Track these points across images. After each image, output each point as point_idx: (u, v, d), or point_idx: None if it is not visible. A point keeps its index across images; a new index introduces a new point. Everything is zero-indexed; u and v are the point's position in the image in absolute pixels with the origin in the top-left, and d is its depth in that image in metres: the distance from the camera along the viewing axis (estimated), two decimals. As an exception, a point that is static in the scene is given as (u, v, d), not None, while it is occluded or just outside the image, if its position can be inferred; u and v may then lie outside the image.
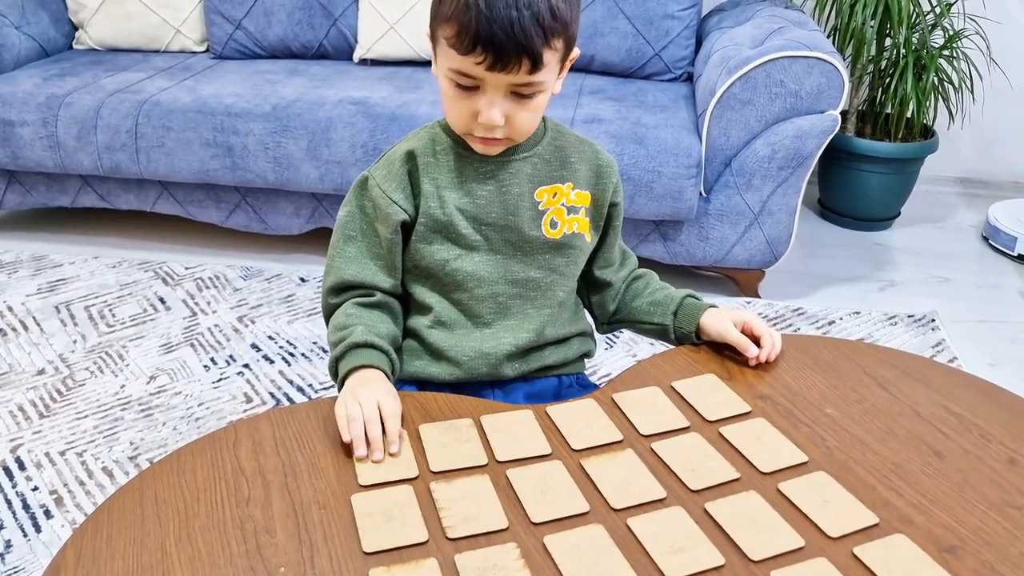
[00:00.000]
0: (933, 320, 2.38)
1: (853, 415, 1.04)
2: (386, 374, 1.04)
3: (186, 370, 2.07)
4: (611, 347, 2.20)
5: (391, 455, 0.94)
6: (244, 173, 2.42)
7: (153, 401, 1.95)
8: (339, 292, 1.12)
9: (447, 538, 0.84)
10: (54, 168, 2.50)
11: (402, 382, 1.17)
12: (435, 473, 0.93)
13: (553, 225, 1.13)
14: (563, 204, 1.13)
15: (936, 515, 0.88)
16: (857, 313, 2.40)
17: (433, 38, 1.03)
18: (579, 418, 1.02)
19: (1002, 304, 2.52)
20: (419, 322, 1.15)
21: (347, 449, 0.96)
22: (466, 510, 0.87)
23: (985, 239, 2.91)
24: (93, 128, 2.42)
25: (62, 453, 1.78)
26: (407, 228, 1.11)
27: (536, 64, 0.97)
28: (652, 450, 0.97)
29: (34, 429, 1.85)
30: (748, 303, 2.44)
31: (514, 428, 1.00)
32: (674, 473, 0.93)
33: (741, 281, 2.47)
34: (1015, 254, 2.77)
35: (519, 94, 1.00)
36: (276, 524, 0.86)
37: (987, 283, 2.65)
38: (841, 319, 2.36)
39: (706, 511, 0.88)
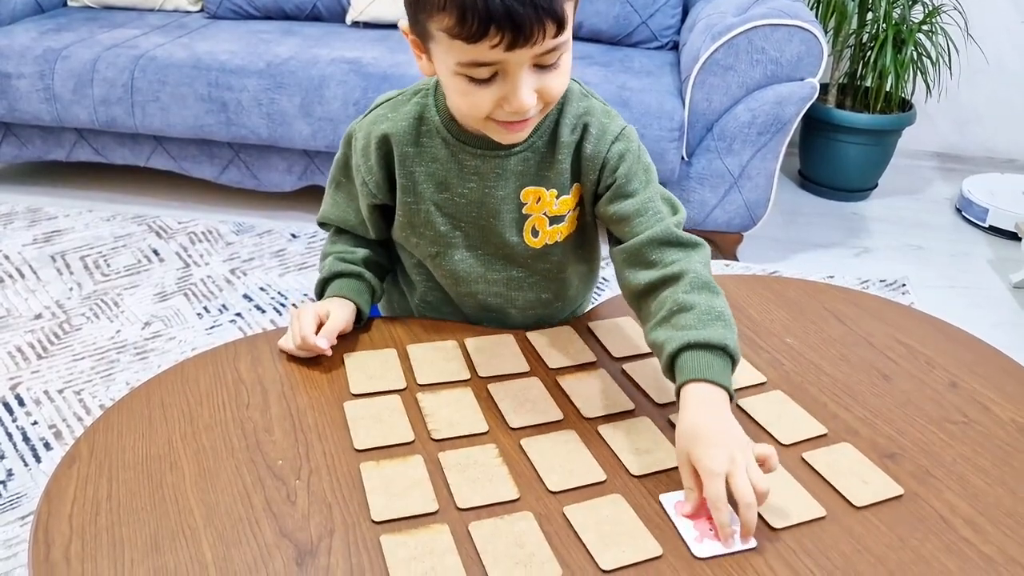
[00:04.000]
0: (904, 285, 2.47)
1: (811, 344, 1.12)
2: (355, 300, 1.08)
3: (180, 317, 2.13)
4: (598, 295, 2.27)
5: (317, 350, 1.00)
6: (238, 129, 2.47)
7: (148, 345, 2.02)
8: (324, 225, 1.19)
9: (432, 439, 0.91)
10: (50, 121, 2.55)
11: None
12: (421, 385, 1.00)
13: (535, 234, 1.06)
14: (545, 214, 1.04)
15: (880, 427, 0.96)
16: (831, 277, 2.48)
17: (421, 35, 0.89)
18: (556, 342, 1.09)
19: (971, 272, 2.61)
20: (409, 296, 1.20)
21: (340, 364, 1.03)
22: (450, 416, 0.95)
23: (958, 211, 3.00)
24: (89, 82, 2.46)
25: (60, 391, 1.84)
26: (386, 207, 1.10)
27: (561, 24, 0.84)
28: (623, 370, 1.05)
29: (32, 369, 1.91)
30: (727, 265, 2.52)
31: (496, 349, 1.07)
32: (642, 389, 1.01)
33: (720, 244, 2.55)
34: (986, 225, 2.86)
35: (544, 65, 0.87)
36: (274, 425, 0.93)
37: (958, 252, 2.74)
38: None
39: (670, 421, 0.96)
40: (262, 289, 2.28)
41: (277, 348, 1.05)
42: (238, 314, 2.16)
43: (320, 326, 1.03)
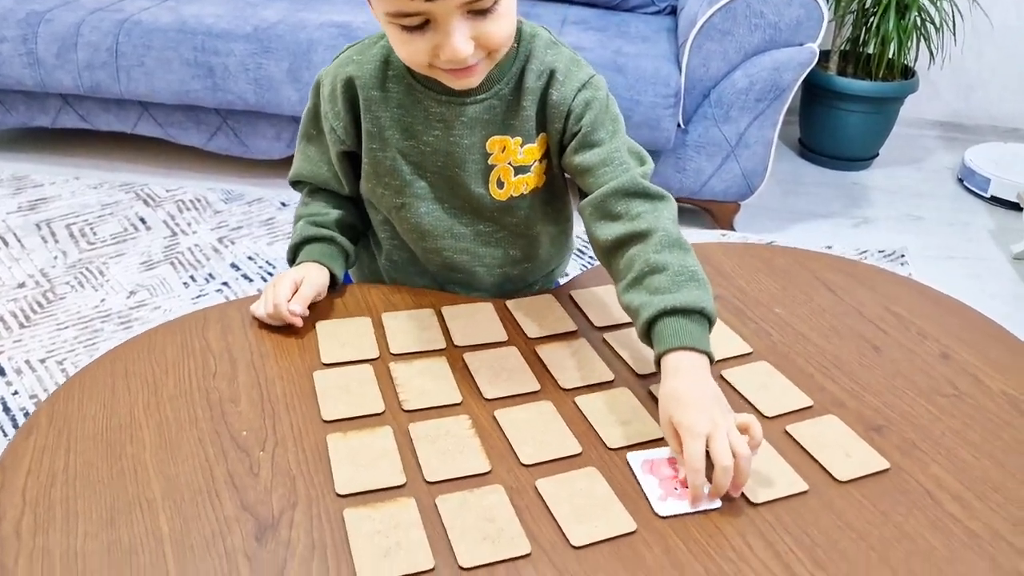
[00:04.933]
0: (903, 255, 2.43)
1: (800, 314, 1.08)
2: (328, 266, 1.05)
3: (165, 286, 2.10)
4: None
5: (291, 316, 0.98)
6: (224, 94, 2.42)
7: (133, 314, 1.99)
8: (297, 182, 1.15)
9: (402, 410, 0.89)
10: (34, 86, 2.50)
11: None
12: (395, 355, 0.97)
13: (500, 185, 1.02)
14: (510, 163, 1.01)
15: (867, 400, 0.93)
16: (829, 247, 2.44)
17: None
18: (536, 311, 1.06)
19: (971, 243, 2.57)
20: (377, 257, 1.17)
21: (312, 332, 1.00)
22: (422, 386, 0.92)
23: (960, 181, 2.95)
24: (73, 46, 2.41)
25: (42, 361, 1.82)
26: (354, 156, 1.07)
27: None
28: (604, 340, 1.01)
29: (15, 338, 1.89)
30: (723, 235, 2.48)
31: (473, 317, 1.04)
32: (623, 359, 0.98)
33: (717, 214, 2.51)
34: (988, 195, 2.81)
35: (479, 10, 0.84)
36: (241, 395, 0.90)
37: (958, 222, 2.69)
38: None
39: (650, 393, 0.93)
40: (250, 258, 2.24)
41: (249, 316, 1.02)
42: (225, 283, 2.13)
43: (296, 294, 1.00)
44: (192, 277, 2.15)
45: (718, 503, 0.78)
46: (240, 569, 0.70)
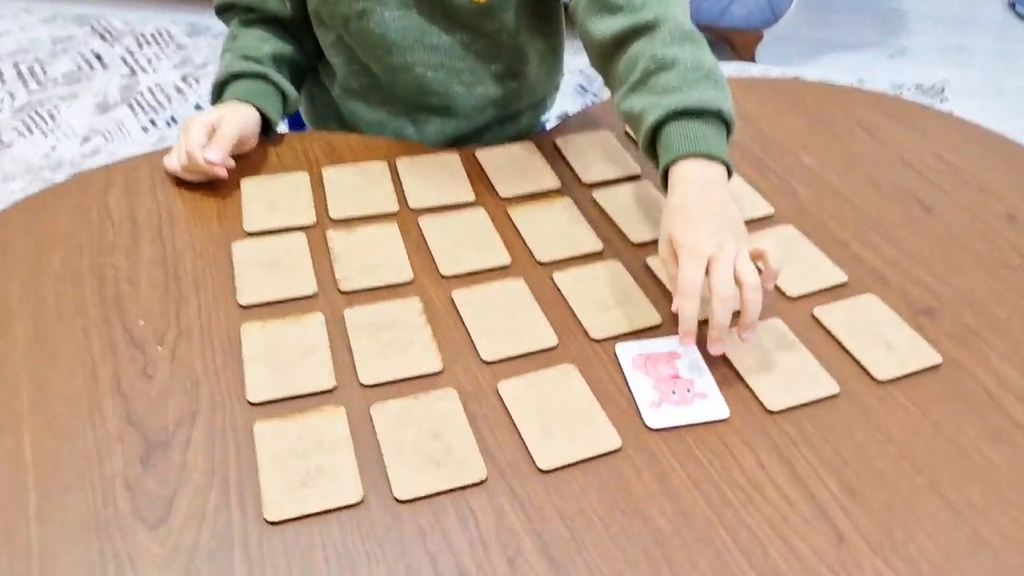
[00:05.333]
0: (943, 90, 2.18)
1: (833, 165, 0.89)
2: (259, 106, 0.85)
3: (123, 132, 1.90)
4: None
5: (208, 165, 0.79)
6: (177, -92, 2.11)
7: (86, 163, 1.80)
8: (225, 10, 0.93)
9: (339, 291, 0.72)
10: (-38, -99, 2.19)
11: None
12: (335, 220, 0.79)
13: None
14: None
15: (915, 274, 0.75)
16: (861, 81, 2.19)
17: None
18: (512, 162, 0.87)
19: (1020, 76, 2.31)
20: (331, 87, 0.96)
21: (236, 192, 0.82)
22: (365, 261, 0.74)
23: (1012, 7, 2.63)
24: None
25: (-14, 216, 1.65)
26: None
27: None
28: (593, 200, 0.83)
29: (-44, 191, 1.71)
30: (743, 68, 2.22)
31: (434, 172, 0.85)
32: (615, 225, 0.80)
33: (736, 43, 2.24)
34: (1043, 21, 2.51)
35: None
36: (141, 273, 0.73)
37: (1007, 52, 2.41)
38: (842, 87, 2.16)
39: (647, 267, 0.75)
40: (215, 99, 2.02)
41: (161, 172, 0.83)
42: (188, 128, 1.92)
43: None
44: (152, 121, 1.94)
45: (724, 410, 0.62)
46: (117, 502, 0.56)
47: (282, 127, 0.93)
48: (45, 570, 0.52)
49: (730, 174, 0.71)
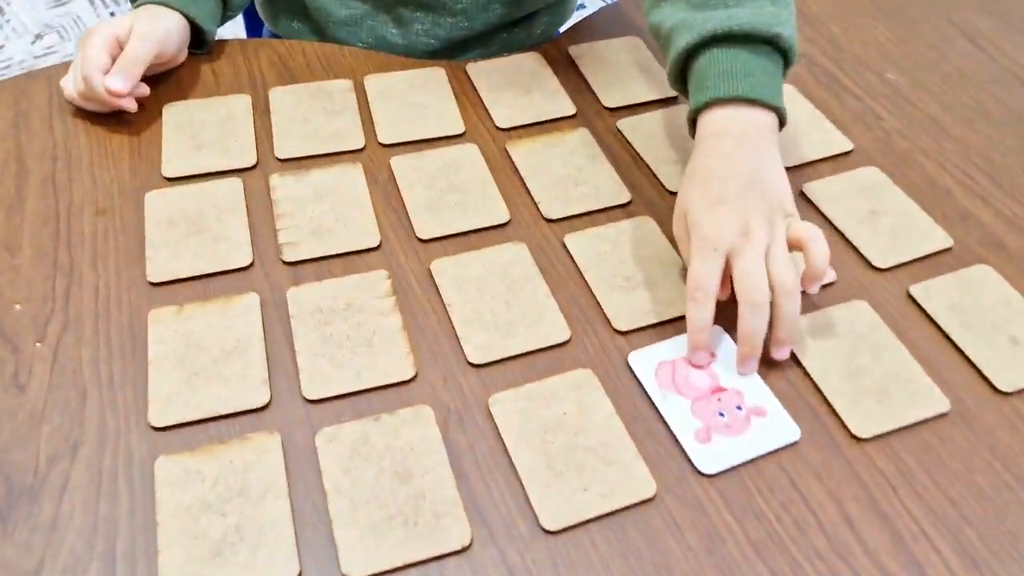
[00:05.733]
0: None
1: (927, 83, 0.69)
2: (185, 12, 0.65)
3: (80, 27, 1.69)
4: None
5: (110, 97, 0.60)
6: None
7: (38, 64, 1.60)
8: None
9: (283, 262, 0.54)
10: None
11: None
12: (282, 161, 0.61)
13: None
14: None
15: (1043, 236, 0.57)
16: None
17: None
18: (513, 80, 0.68)
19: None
20: None
21: (155, 125, 0.63)
22: (319, 219, 0.57)
23: None
24: None
25: (-75, 127, 1.47)
26: None
27: None
28: (617, 130, 0.64)
29: None
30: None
31: (413, 95, 0.66)
32: (646, 164, 0.61)
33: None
34: None
35: None
36: (24, 236, 0.56)
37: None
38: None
39: (689, 225, 0.57)
40: (185, -11, 1.79)
41: (62, 95, 0.65)
42: (153, 23, 1.71)
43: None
44: (112, 14, 1.72)
45: (793, 429, 0.46)
46: (-38, 581, 0.40)
47: (230, 28, 0.74)
48: None
49: (782, 124, 0.53)
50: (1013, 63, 0.71)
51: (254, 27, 0.91)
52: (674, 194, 0.59)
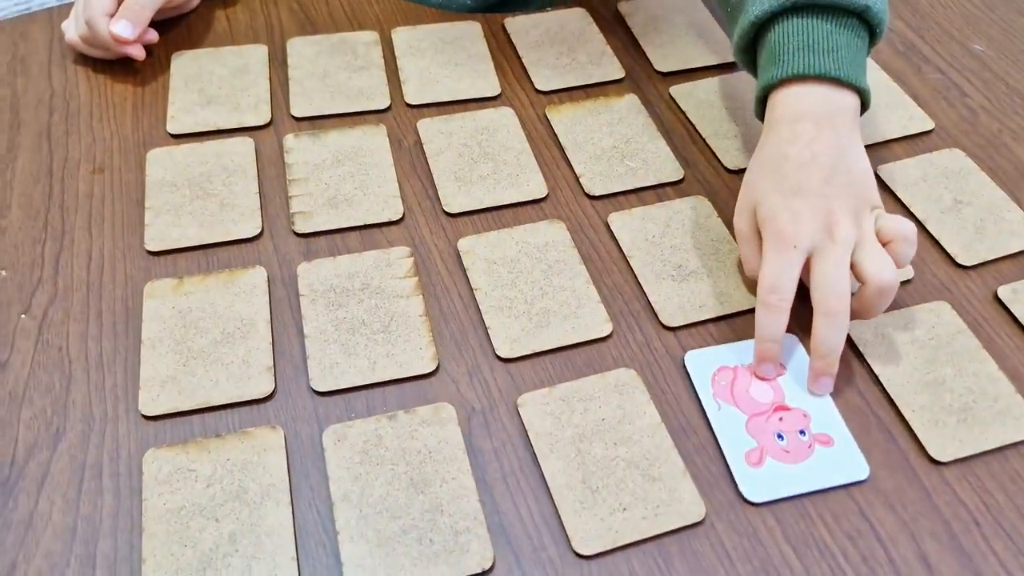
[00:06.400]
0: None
1: (1017, 55, 0.62)
2: None
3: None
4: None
5: (116, 44, 0.55)
6: None
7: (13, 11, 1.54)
8: None
9: (294, 232, 0.49)
10: None
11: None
12: (298, 120, 0.56)
13: None
14: None
15: None
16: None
17: None
18: (555, 39, 0.61)
19: None
20: None
21: (164, 74, 0.58)
22: (337, 186, 0.51)
23: None
24: None
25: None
26: None
27: None
28: (670, 98, 0.58)
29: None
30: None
31: (445, 51, 0.60)
32: (701, 137, 0.55)
33: None
34: None
35: None
36: (13, 195, 0.51)
37: None
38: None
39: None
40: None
41: (62, 41, 0.60)
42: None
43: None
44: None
45: (862, 467, 0.40)
46: (-76, 583, 0.36)
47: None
48: None
49: (866, 107, 0.46)
50: (1115, 36, 0.64)
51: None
52: (733, 172, 0.53)
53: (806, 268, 0.43)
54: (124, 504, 0.38)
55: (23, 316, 0.45)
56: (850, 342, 0.45)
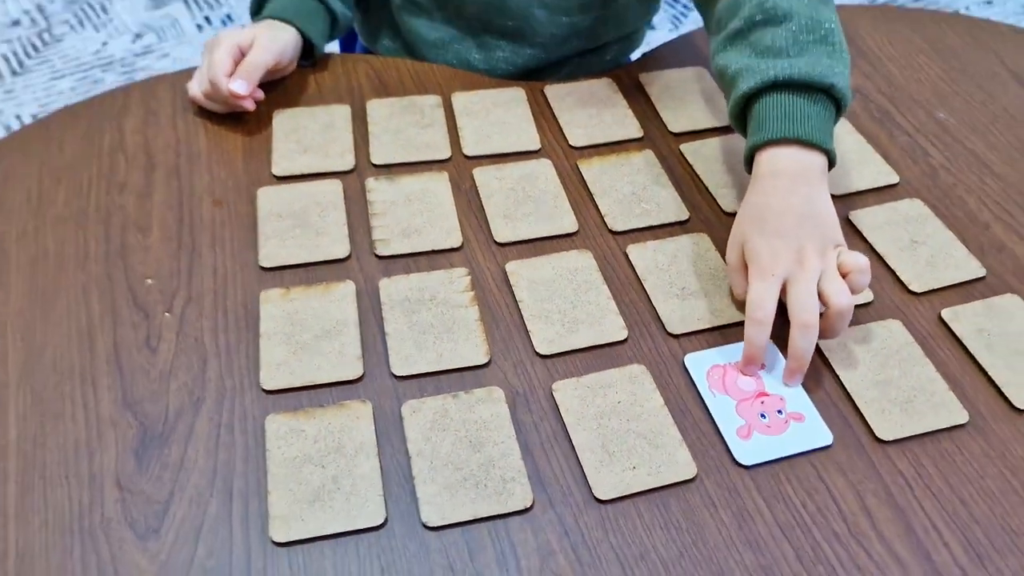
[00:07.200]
0: (1080, 17, 1.93)
1: (975, 123, 0.74)
2: (299, 27, 0.74)
3: (176, 29, 1.80)
4: (676, 26, 1.83)
5: (233, 97, 0.69)
6: None
7: (138, 63, 1.71)
8: None
9: (375, 255, 0.62)
10: None
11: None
12: (377, 167, 0.69)
13: None
14: None
15: (1072, 271, 0.62)
16: (988, 3, 1.95)
17: None
18: (586, 103, 0.74)
19: None
20: None
21: (268, 127, 0.71)
22: (409, 220, 0.64)
23: None
24: None
25: (35, 116, 1.59)
26: None
27: None
28: (680, 153, 0.70)
29: (6, 88, 1.65)
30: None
31: (495, 112, 0.73)
32: (705, 188, 0.67)
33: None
34: None
35: None
36: (153, 220, 0.64)
37: None
38: (967, 8, 1.92)
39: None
40: (274, -3, 1.90)
41: (186, 98, 0.73)
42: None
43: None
44: (208, 19, 1.84)
45: (826, 435, 0.51)
46: (105, 504, 0.48)
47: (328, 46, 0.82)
48: (17, 583, 0.45)
49: (832, 164, 0.58)
50: (1060, 108, 0.75)
51: (349, 43, 0.99)
52: (729, 215, 0.65)
53: (783, 293, 0.54)
54: (252, 453, 0.50)
55: (167, 314, 0.58)
56: (818, 350, 0.56)
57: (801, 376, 0.54)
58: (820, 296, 0.53)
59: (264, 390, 0.53)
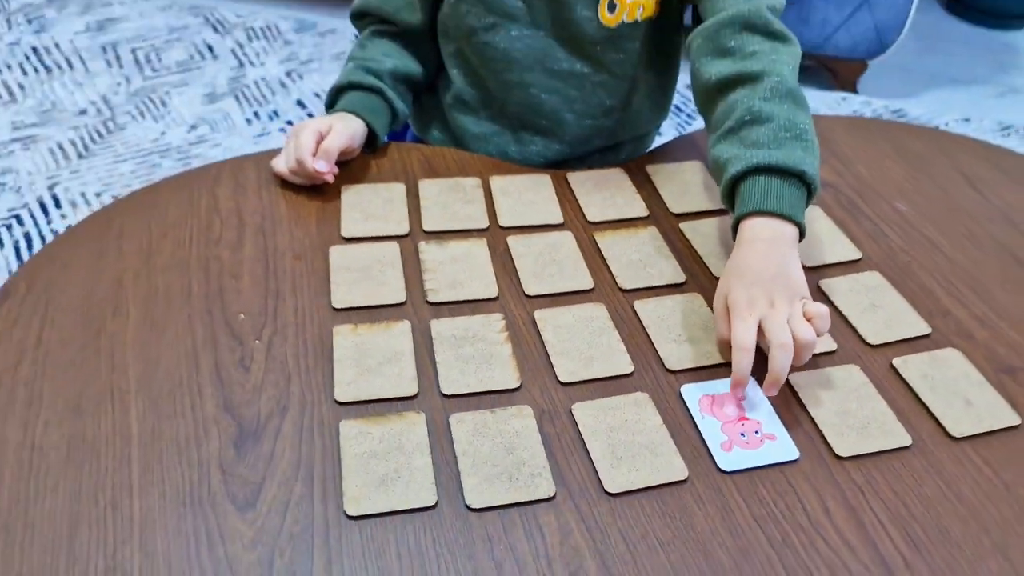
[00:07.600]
0: (1053, 134, 2.10)
1: (930, 214, 0.88)
2: (366, 119, 0.89)
3: (228, 122, 1.99)
4: (675, 117, 2.01)
5: (314, 174, 0.84)
6: (297, -90, 2.20)
7: (192, 150, 1.89)
8: (359, 17, 0.98)
9: (427, 302, 0.75)
10: None
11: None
12: (427, 233, 0.83)
13: (611, 8, 0.87)
14: None
15: (1003, 332, 0.74)
16: (967, 120, 2.13)
17: None
18: (602, 187, 0.89)
19: None
20: (442, 95, 0.99)
21: (337, 198, 0.86)
22: (454, 275, 0.77)
23: None
24: None
25: (98, 194, 1.75)
26: None
27: None
28: (679, 231, 0.84)
29: (72, 169, 1.82)
30: (843, 99, 2.19)
31: (526, 193, 0.88)
32: (700, 258, 0.81)
33: (839, 73, 2.20)
34: None
35: None
36: (243, 268, 0.78)
37: None
38: (946, 124, 2.10)
39: (728, 302, 0.76)
40: (317, 95, 2.10)
41: (267, 173, 0.88)
42: (289, 122, 2.00)
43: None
44: (256, 113, 2.03)
45: (794, 451, 0.63)
46: (212, 482, 0.60)
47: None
48: (145, 537, 0.57)
49: (802, 235, 0.72)
50: (1005, 204, 0.89)
51: (400, 133, 1.15)
52: (717, 278, 0.78)
53: (761, 333, 0.67)
54: (328, 449, 0.62)
55: (257, 341, 0.71)
56: (789, 385, 0.68)
57: (778, 388, 0.65)
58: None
59: (337, 402, 0.66)
